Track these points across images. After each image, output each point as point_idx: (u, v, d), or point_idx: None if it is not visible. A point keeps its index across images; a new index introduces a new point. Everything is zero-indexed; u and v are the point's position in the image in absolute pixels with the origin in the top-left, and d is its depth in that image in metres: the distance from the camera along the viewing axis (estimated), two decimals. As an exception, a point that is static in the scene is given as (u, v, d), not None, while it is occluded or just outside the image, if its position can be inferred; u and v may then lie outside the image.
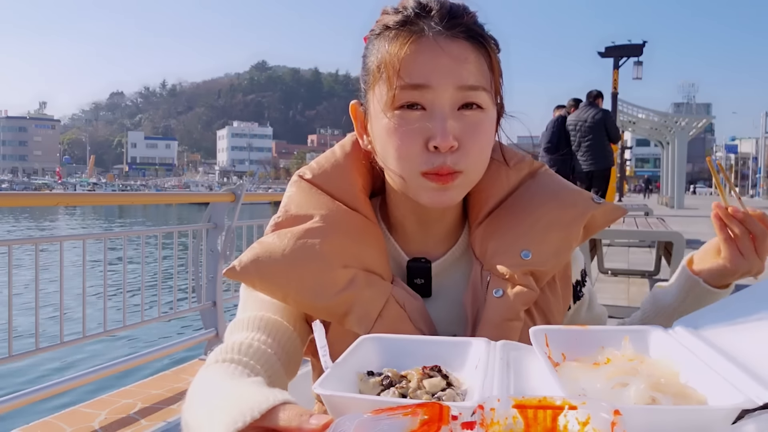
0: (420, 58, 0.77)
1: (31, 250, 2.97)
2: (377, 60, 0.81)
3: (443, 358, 0.67)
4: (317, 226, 0.83)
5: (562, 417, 0.46)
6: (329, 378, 0.59)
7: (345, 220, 0.85)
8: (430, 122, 0.77)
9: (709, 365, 0.59)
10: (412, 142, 0.78)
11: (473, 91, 0.78)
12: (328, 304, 0.79)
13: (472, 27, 0.79)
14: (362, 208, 0.87)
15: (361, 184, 0.90)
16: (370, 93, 0.83)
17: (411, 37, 0.78)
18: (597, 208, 0.86)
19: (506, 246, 0.84)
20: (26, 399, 2.70)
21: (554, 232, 0.84)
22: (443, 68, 0.77)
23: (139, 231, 4.00)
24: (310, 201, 0.87)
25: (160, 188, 62.01)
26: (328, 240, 0.82)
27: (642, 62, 18.23)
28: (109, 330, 3.28)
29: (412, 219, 0.89)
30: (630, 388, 0.56)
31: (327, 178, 0.89)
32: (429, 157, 0.78)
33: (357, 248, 0.83)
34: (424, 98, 0.77)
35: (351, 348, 0.67)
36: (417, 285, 0.88)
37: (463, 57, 0.78)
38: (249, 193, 4.25)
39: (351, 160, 0.91)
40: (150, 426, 2.73)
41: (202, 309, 3.90)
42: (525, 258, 0.82)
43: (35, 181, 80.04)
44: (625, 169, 29.39)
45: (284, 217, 0.86)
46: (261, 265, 0.80)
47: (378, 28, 0.82)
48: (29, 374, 5.16)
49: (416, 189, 0.81)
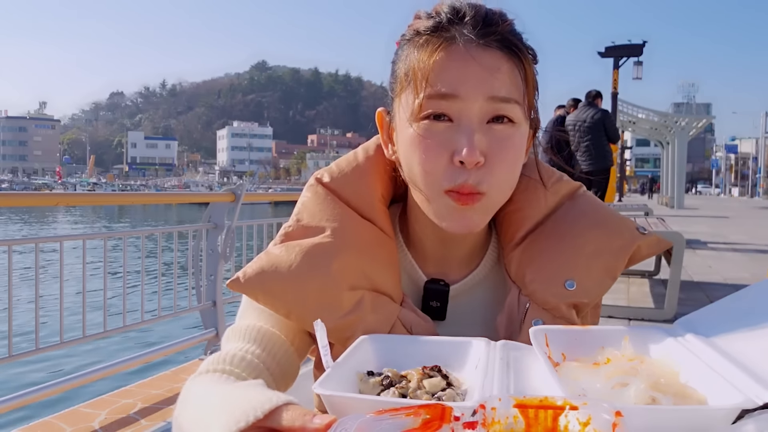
0: (449, 66, 0.73)
1: (30, 249, 2.97)
2: (405, 67, 0.77)
3: (443, 358, 0.67)
4: (327, 242, 0.79)
5: (563, 417, 0.46)
6: (329, 378, 0.59)
7: (357, 234, 0.81)
8: (456, 134, 0.73)
9: (709, 365, 0.60)
10: (436, 155, 0.73)
11: (505, 104, 0.73)
12: (332, 326, 0.75)
13: (506, 36, 0.75)
14: (378, 220, 0.84)
15: (380, 192, 0.86)
16: (396, 101, 0.80)
17: (441, 44, 0.74)
18: (643, 239, 0.82)
19: (549, 274, 0.79)
20: (26, 399, 2.70)
21: (600, 262, 0.80)
22: (473, 78, 0.72)
23: (139, 231, 3.99)
24: (323, 211, 0.83)
25: (160, 188, 62.02)
26: (337, 258, 0.78)
27: (642, 62, 18.24)
28: (109, 330, 3.28)
29: (432, 237, 0.85)
30: (630, 388, 0.56)
31: (345, 183, 0.85)
32: (454, 173, 0.73)
33: (367, 266, 0.79)
34: (452, 109, 0.73)
35: (351, 348, 0.67)
36: (432, 307, 0.84)
37: (496, 67, 0.73)
38: (249, 193, 4.25)
39: (373, 165, 0.87)
40: (150, 426, 2.73)
41: (202, 309, 3.90)
42: (569, 288, 0.78)
43: (35, 181, 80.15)
44: (625, 169, 29.40)
45: (295, 227, 0.82)
46: (266, 279, 0.77)
47: (409, 33, 0.79)
48: (28, 378, 5.16)
49: (438, 210, 0.76)
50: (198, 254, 3.97)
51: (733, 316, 0.69)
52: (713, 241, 9.75)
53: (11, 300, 2.76)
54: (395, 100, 0.80)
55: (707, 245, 9.14)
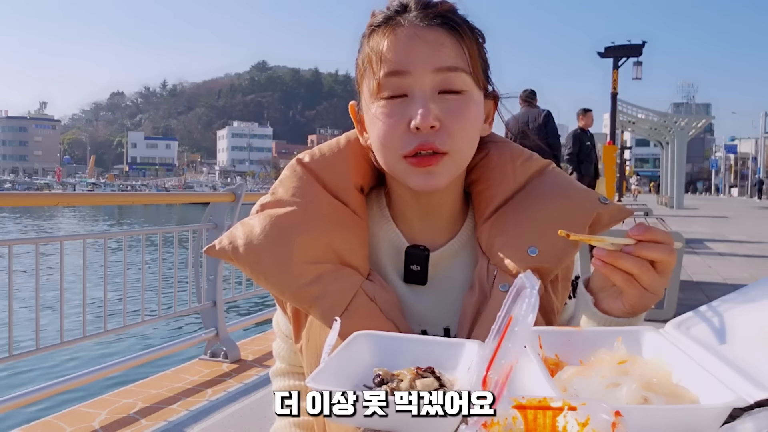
0: (398, 47, 0.81)
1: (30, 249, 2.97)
2: (362, 56, 0.86)
3: (437, 358, 0.67)
4: (298, 215, 0.86)
5: (562, 418, 0.46)
6: (322, 372, 0.60)
7: (328, 212, 0.87)
8: (410, 106, 0.80)
9: (701, 365, 0.60)
10: (393, 125, 0.81)
11: (452, 72, 0.81)
12: (294, 294, 0.83)
13: (447, 15, 0.83)
14: (351, 202, 0.89)
15: (356, 178, 0.92)
16: (360, 89, 0.88)
17: (389, 29, 0.83)
18: (603, 208, 0.87)
19: (513, 242, 0.85)
20: (26, 399, 2.70)
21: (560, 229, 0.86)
22: (420, 53, 0.81)
23: (140, 231, 3.99)
24: (298, 188, 0.89)
25: (161, 188, 62.01)
26: (304, 230, 0.84)
27: (641, 62, 18.25)
28: (109, 330, 3.28)
29: (413, 208, 0.92)
30: (622, 388, 0.56)
31: (324, 166, 0.91)
32: (410, 138, 0.80)
33: (335, 241, 0.85)
34: (404, 84, 0.81)
35: (344, 344, 0.68)
36: (413, 272, 0.89)
37: (439, 42, 0.81)
38: (249, 193, 4.25)
39: (352, 152, 0.93)
40: (150, 426, 2.73)
41: (202, 309, 3.89)
42: (532, 254, 0.83)
43: (37, 181, 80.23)
44: (624, 169, 29.39)
45: (270, 200, 0.89)
46: (237, 246, 0.84)
47: (367, 29, 0.87)
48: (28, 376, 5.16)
49: (402, 174, 0.84)
50: (198, 254, 3.97)
51: (724, 316, 0.69)
52: (713, 241, 9.75)
53: (11, 300, 2.75)
54: (359, 89, 0.89)
55: (707, 245, 9.13)
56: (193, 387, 3.24)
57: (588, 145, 8.62)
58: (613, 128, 17.37)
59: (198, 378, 3.39)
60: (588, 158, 8.55)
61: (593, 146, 8.92)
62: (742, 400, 0.52)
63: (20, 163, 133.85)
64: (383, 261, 0.91)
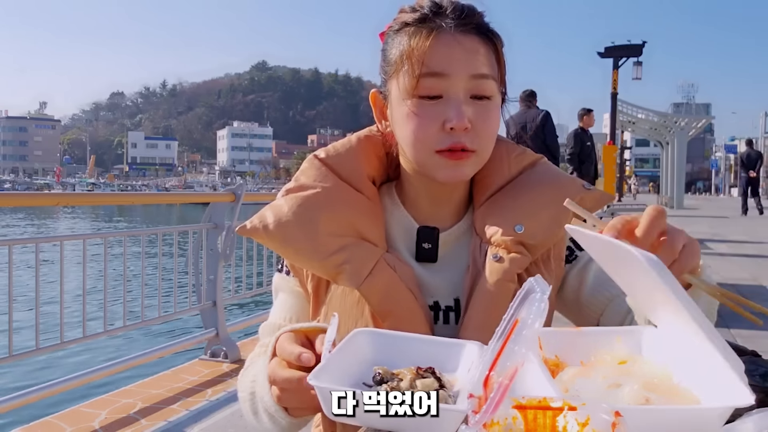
0: (439, 50, 0.87)
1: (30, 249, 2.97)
2: (399, 51, 0.91)
3: (437, 358, 0.68)
4: (321, 196, 0.94)
5: (562, 418, 0.46)
6: (324, 370, 0.60)
7: (347, 197, 0.95)
8: (446, 107, 0.87)
9: (702, 365, 0.59)
10: (429, 124, 0.88)
11: (484, 80, 0.89)
12: (322, 264, 0.90)
13: (481, 23, 0.91)
14: (366, 191, 0.97)
15: (368, 171, 1.00)
16: (391, 82, 0.93)
17: (432, 32, 0.88)
18: (586, 192, 0.95)
19: (503, 221, 0.93)
20: (26, 399, 2.70)
21: (545, 211, 0.93)
22: (459, 59, 0.87)
23: (140, 231, 3.99)
24: (319, 176, 0.97)
25: (161, 188, 61.99)
26: (328, 209, 0.92)
27: (641, 62, 18.25)
28: (109, 330, 3.28)
29: (424, 196, 1.00)
30: (624, 388, 0.56)
31: (338, 160, 0.99)
32: (444, 137, 0.88)
33: (354, 219, 0.93)
34: (441, 85, 0.87)
35: (345, 341, 0.69)
36: (425, 249, 0.97)
37: (475, 49, 0.89)
38: (249, 193, 4.25)
39: (364, 148, 1.01)
40: (150, 426, 2.73)
41: (202, 309, 3.89)
42: (518, 231, 0.92)
43: (37, 181, 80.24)
44: (624, 169, 29.41)
45: (294, 184, 0.97)
46: (267, 224, 0.92)
47: (397, 24, 0.93)
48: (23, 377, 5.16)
49: (432, 166, 0.91)
50: (198, 254, 3.97)
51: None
52: (713, 241, 9.75)
53: (11, 300, 2.76)
54: (389, 81, 0.94)
55: (707, 245, 9.13)
56: (193, 387, 3.24)
57: (589, 145, 8.63)
58: (613, 128, 17.38)
59: (198, 378, 3.39)
60: (589, 158, 8.56)
61: (593, 146, 8.93)
62: (744, 400, 0.52)
63: (20, 163, 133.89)
64: (397, 243, 0.99)
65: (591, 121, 8.85)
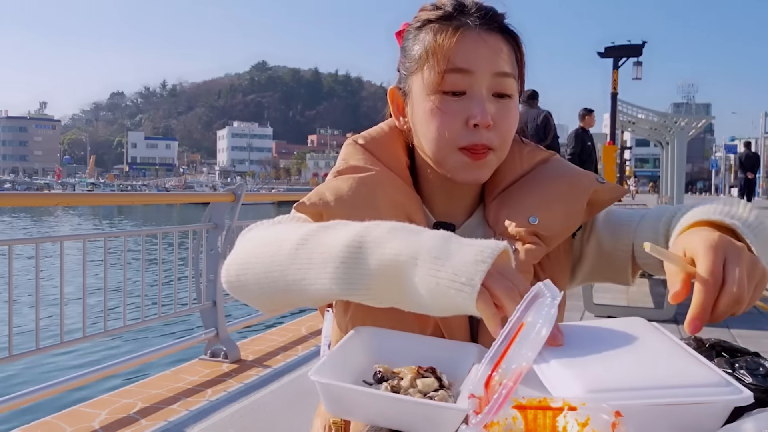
0: (465, 46, 0.89)
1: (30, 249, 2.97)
2: (423, 48, 0.92)
3: (437, 358, 0.68)
4: (376, 177, 0.94)
5: (562, 418, 0.46)
6: (325, 366, 0.61)
7: (395, 180, 0.96)
8: (470, 104, 0.88)
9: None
10: (453, 120, 0.89)
11: (506, 78, 0.90)
12: None
13: (504, 23, 0.93)
14: (404, 177, 0.99)
15: (404, 158, 1.01)
16: (412, 78, 0.94)
17: (459, 29, 0.89)
18: (600, 186, 0.96)
19: (516, 214, 0.93)
20: (26, 399, 2.70)
21: (560, 204, 0.93)
22: (484, 56, 0.89)
23: (140, 231, 3.99)
24: (365, 158, 0.98)
25: (161, 188, 61.95)
26: (382, 189, 0.93)
27: (641, 62, 18.22)
28: (109, 330, 3.28)
29: (439, 192, 1.00)
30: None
31: (377, 146, 1.00)
32: (467, 134, 0.89)
33: (402, 200, 0.94)
34: (465, 82, 0.88)
35: (346, 338, 0.69)
36: None
37: (499, 48, 0.90)
38: (249, 193, 4.25)
39: (397, 135, 1.02)
40: (150, 426, 2.73)
41: (202, 309, 3.89)
42: (532, 222, 0.91)
43: (37, 181, 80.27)
44: (624, 169, 29.37)
45: (345, 166, 0.97)
46: (328, 201, 0.91)
47: (418, 22, 0.94)
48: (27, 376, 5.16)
49: (453, 165, 0.92)
50: (198, 254, 3.96)
51: None
52: (713, 242, 9.72)
53: (11, 300, 2.76)
54: (410, 77, 0.95)
55: (707, 245, 9.11)
56: (193, 387, 3.24)
57: (589, 145, 8.63)
58: (613, 128, 17.34)
59: (198, 378, 3.39)
60: (589, 158, 8.56)
61: (594, 146, 8.93)
62: (745, 398, 0.51)
63: (20, 163, 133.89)
64: None
65: (592, 121, 8.86)
